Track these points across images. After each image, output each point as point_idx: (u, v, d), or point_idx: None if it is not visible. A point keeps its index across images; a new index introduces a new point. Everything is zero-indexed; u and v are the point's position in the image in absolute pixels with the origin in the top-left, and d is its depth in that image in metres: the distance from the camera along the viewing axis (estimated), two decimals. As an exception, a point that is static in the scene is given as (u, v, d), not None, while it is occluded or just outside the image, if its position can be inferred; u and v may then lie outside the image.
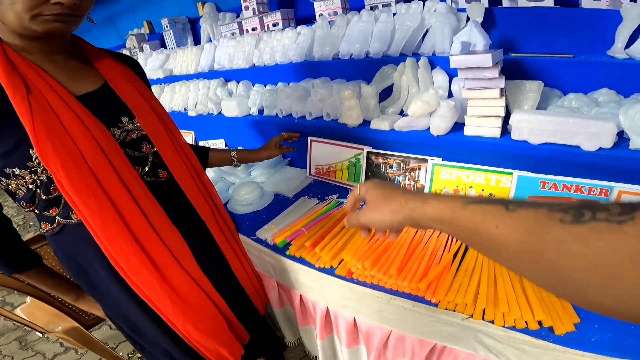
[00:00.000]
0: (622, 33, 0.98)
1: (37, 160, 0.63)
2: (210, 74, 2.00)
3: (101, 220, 0.67)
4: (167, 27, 2.48)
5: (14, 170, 0.64)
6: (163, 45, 2.65)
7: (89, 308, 0.90)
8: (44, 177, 0.65)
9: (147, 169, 0.75)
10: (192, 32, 2.56)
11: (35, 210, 0.69)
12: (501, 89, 0.93)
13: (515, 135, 0.94)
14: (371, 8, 1.45)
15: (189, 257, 0.78)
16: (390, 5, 1.40)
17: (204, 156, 1.08)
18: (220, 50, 1.94)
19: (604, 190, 0.88)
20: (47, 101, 0.64)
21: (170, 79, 2.24)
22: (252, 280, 0.99)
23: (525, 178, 0.95)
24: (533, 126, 0.90)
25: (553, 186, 0.93)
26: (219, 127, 1.78)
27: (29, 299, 1.42)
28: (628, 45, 0.98)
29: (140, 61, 2.38)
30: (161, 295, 0.73)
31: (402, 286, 0.84)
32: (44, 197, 0.67)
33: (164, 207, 0.75)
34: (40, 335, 2.02)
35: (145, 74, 0.90)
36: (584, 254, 0.27)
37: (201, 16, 2.33)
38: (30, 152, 0.63)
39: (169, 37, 2.51)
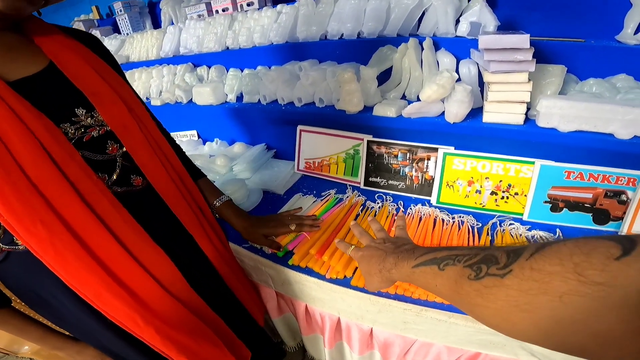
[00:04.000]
0: (633, 19, 0.84)
1: None
2: (176, 59, 1.61)
3: (53, 249, 0.46)
4: (120, 11, 2.04)
5: None
6: (117, 31, 2.16)
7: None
8: None
9: (115, 175, 0.53)
10: (151, 15, 2.11)
11: None
12: (530, 73, 0.74)
13: (542, 122, 0.76)
14: (360, -14, 1.20)
15: (179, 278, 0.59)
16: (381, -18, 1.16)
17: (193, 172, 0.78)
18: (187, 33, 1.56)
19: (631, 180, 0.74)
20: None
21: (127, 65, 1.80)
22: (248, 291, 0.80)
23: (549, 167, 0.79)
24: (564, 112, 0.74)
25: (579, 175, 0.77)
26: (189, 116, 1.43)
27: None
28: (636, 32, 0.85)
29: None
30: (146, 329, 0.54)
31: (432, 296, 0.64)
32: None
33: (142, 222, 0.54)
34: None
35: (110, 53, 0.64)
36: (484, 305, 0.29)
37: (161, -1, 1.91)
38: None
39: (123, 21, 2.05)
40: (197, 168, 0.80)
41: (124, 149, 0.55)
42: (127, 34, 2.03)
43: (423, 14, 1.03)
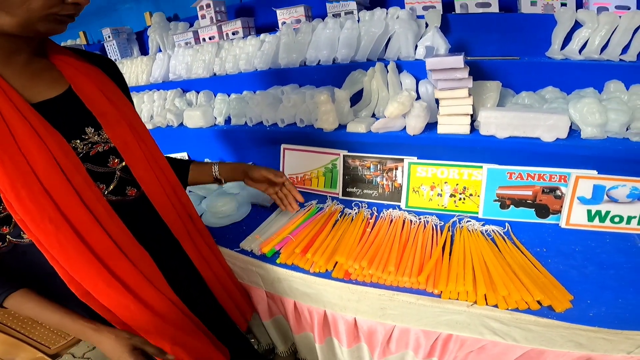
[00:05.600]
0: (558, 35, 1.10)
1: None
2: (165, 85, 1.86)
3: (58, 243, 0.59)
4: (109, 37, 2.29)
5: None
6: (104, 56, 2.42)
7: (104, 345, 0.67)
8: None
9: (112, 186, 0.67)
10: (138, 42, 2.38)
11: None
12: (469, 89, 0.98)
13: (483, 130, 1.00)
14: (334, 16, 1.46)
15: (159, 277, 0.72)
16: (352, 12, 1.43)
17: (184, 172, 0.96)
18: (176, 60, 1.82)
19: (562, 177, 0.97)
20: None
21: (118, 91, 2.04)
22: (232, 296, 0.93)
23: (494, 170, 1.01)
24: (499, 122, 0.97)
25: (519, 176, 1.00)
26: (180, 139, 1.65)
27: None
28: (563, 47, 1.10)
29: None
30: (140, 317, 0.68)
31: (402, 281, 0.84)
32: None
33: (132, 227, 0.68)
34: None
35: (122, 76, 0.80)
36: None
37: (148, 26, 2.18)
38: None
39: (111, 47, 2.31)
40: (184, 161, 0.98)
41: (124, 164, 0.68)
42: (116, 59, 2.28)
43: (389, 40, 1.29)
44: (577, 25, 1.08)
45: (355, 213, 1.11)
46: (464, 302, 0.77)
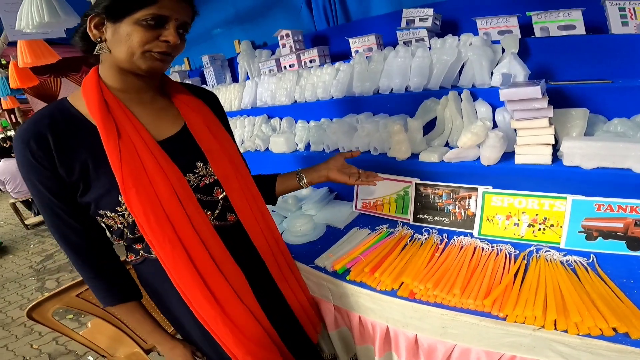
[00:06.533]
0: (659, 57, 1.05)
1: (124, 205, 0.72)
2: (253, 111, 2.18)
3: (173, 260, 0.75)
4: (207, 64, 2.70)
5: (106, 212, 0.73)
6: (204, 82, 2.88)
7: (172, 357, 0.92)
8: (130, 220, 0.74)
9: (216, 213, 0.82)
10: (230, 68, 2.78)
11: (124, 243, 0.80)
12: (550, 118, 1.01)
13: (567, 161, 1.01)
14: (405, 43, 1.58)
15: (249, 293, 0.85)
16: (423, 40, 1.53)
17: (271, 185, 1.10)
18: (262, 87, 2.11)
19: (660, 211, 0.93)
20: (134, 146, 0.72)
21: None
22: (305, 310, 1.06)
23: (580, 202, 1.01)
24: (584, 152, 0.98)
25: (608, 208, 0.98)
26: (266, 163, 1.92)
27: (90, 323, 1.58)
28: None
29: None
30: (223, 327, 0.81)
31: (466, 304, 0.90)
32: (130, 235, 0.77)
33: (230, 248, 0.82)
34: (91, 359, 2.19)
35: (222, 108, 0.97)
36: None
37: (238, 53, 2.55)
38: (119, 197, 0.71)
39: (209, 73, 2.72)
40: (270, 176, 1.11)
41: (225, 194, 0.82)
42: (213, 85, 2.70)
43: (463, 67, 1.37)
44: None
45: (425, 238, 1.20)
46: (531, 325, 0.81)
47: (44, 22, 1.20)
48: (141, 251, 0.79)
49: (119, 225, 0.76)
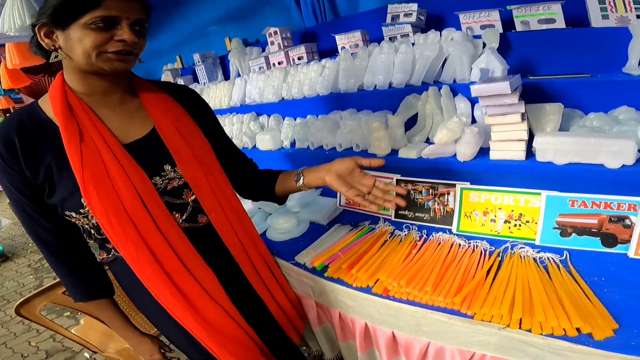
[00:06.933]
0: (634, 49, 1.06)
1: (87, 208, 0.74)
2: (242, 108, 2.21)
3: (137, 261, 0.78)
4: (199, 62, 2.75)
5: (71, 214, 0.76)
6: (195, 79, 2.92)
7: (142, 352, 0.98)
8: (94, 222, 0.76)
9: (185, 215, 0.84)
10: (221, 66, 2.82)
11: (95, 242, 0.83)
12: (522, 114, 1.03)
13: (540, 157, 1.03)
14: (390, 39, 1.60)
15: (221, 292, 0.87)
16: (408, 35, 1.55)
17: (271, 184, 1.03)
18: (251, 85, 2.14)
19: (632, 205, 0.95)
20: (97, 149, 0.73)
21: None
22: (286, 311, 1.08)
23: (554, 197, 1.03)
24: (557, 148, 0.99)
25: (582, 204, 1.00)
26: (254, 160, 1.95)
27: (82, 320, 1.63)
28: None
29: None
30: (195, 325, 0.84)
31: (437, 301, 0.93)
32: (97, 235, 0.80)
33: (201, 249, 0.84)
34: (87, 356, 2.26)
35: (202, 104, 0.96)
36: None
37: (229, 51, 2.58)
38: (82, 200, 0.73)
39: (200, 71, 2.77)
40: (272, 173, 1.04)
41: (194, 196, 0.83)
42: (204, 83, 2.74)
43: (445, 62, 1.38)
44: (659, 36, 1.03)
45: (405, 235, 1.22)
46: (497, 324, 0.83)
47: (25, 25, 1.23)
48: (112, 250, 0.82)
49: (86, 226, 0.79)
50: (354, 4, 1.95)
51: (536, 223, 1.06)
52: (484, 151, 1.16)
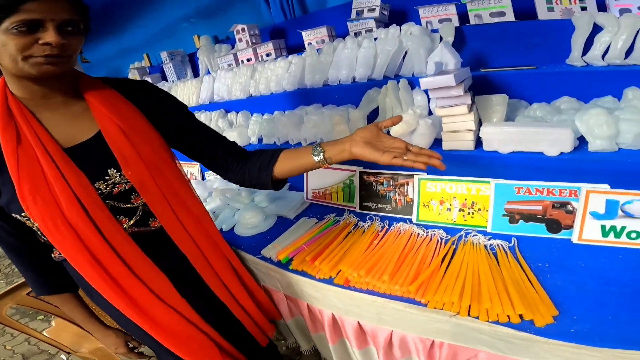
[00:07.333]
0: (577, 41, 1.13)
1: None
2: (211, 106, 2.22)
3: (79, 264, 0.79)
4: (166, 59, 2.74)
5: (16, 216, 0.78)
6: (164, 77, 2.91)
7: (107, 345, 1.02)
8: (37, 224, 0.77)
9: (134, 219, 0.84)
10: (191, 63, 2.82)
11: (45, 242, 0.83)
12: (469, 105, 1.09)
13: (486, 146, 1.09)
14: (355, 34, 1.64)
15: (176, 296, 0.89)
16: (372, 30, 1.59)
17: (265, 166, 0.94)
18: (219, 82, 2.16)
19: (573, 192, 1.02)
20: (35, 153, 0.72)
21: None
22: (252, 316, 1.09)
23: (502, 185, 1.10)
24: (500, 137, 1.06)
25: (527, 191, 1.07)
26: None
27: (54, 322, 1.63)
28: (585, 53, 1.14)
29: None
30: (145, 326, 0.86)
31: (394, 290, 0.97)
32: (43, 236, 0.81)
33: (153, 254, 0.85)
34: (64, 358, 2.25)
35: (157, 97, 0.91)
36: None
37: (198, 48, 2.59)
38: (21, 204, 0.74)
39: (169, 69, 2.76)
40: (269, 151, 0.95)
41: (144, 200, 0.83)
42: (173, 81, 2.72)
43: (405, 56, 1.43)
44: (598, 29, 1.11)
45: (368, 226, 1.28)
46: (448, 312, 0.88)
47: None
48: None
49: (34, 227, 0.80)
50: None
51: (487, 211, 1.13)
52: (438, 142, 1.22)
